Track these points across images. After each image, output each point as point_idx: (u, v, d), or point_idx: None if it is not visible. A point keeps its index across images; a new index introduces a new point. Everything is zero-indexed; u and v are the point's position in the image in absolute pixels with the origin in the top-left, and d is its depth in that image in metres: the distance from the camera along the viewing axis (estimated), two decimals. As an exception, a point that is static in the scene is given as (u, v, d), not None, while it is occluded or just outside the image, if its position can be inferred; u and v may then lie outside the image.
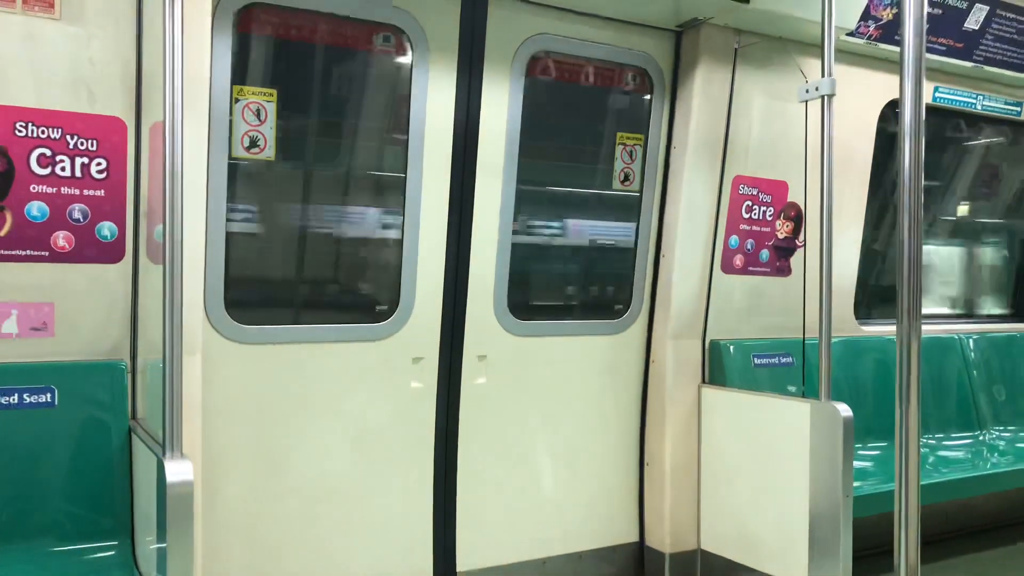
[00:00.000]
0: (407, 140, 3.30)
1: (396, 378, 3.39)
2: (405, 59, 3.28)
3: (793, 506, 3.38)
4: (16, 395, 2.50)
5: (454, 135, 3.39)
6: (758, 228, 4.03)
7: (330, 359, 3.25)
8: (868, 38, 4.04)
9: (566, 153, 3.98)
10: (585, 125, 3.93)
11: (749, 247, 4.01)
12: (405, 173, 3.31)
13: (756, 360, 4.04)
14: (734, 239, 3.95)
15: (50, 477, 2.53)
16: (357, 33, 3.20)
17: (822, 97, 3.22)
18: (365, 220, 3.46)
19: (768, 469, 3.53)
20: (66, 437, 2.57)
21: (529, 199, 3.70)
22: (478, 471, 3.59)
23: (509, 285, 3.59)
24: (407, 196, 3.33)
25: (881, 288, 4.91)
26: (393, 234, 3.37)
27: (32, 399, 2.52)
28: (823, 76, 3.21)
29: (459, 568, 3.57)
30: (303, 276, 3.34)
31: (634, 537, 4.02)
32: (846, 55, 4.04)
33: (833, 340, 3.29)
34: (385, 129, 3.40)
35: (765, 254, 4.07)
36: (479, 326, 3.54)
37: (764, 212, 4.02)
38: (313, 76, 3.23)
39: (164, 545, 2.11)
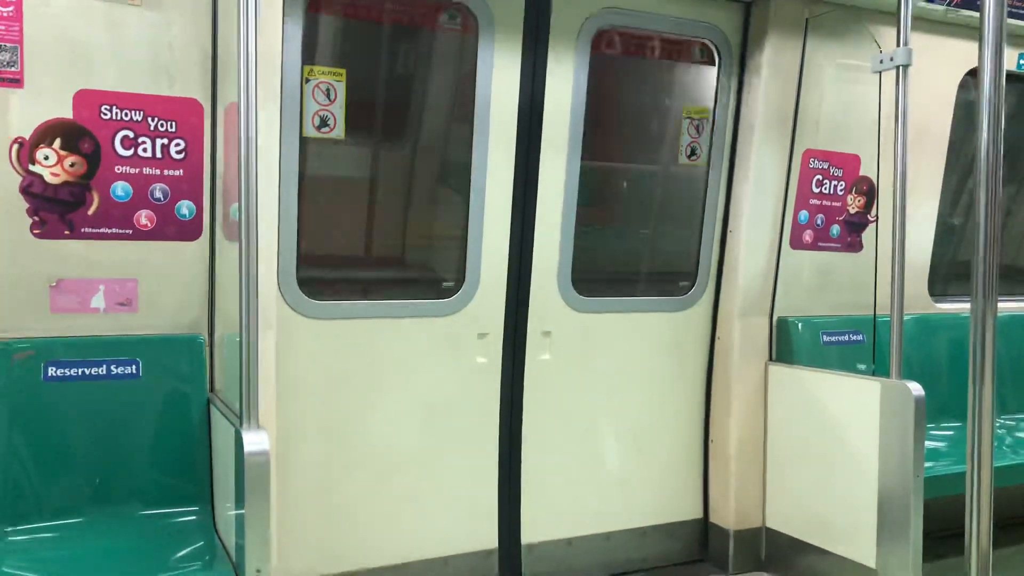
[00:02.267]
0: (472, 117, 3.32)
1: (462, 353, 3.44)
2: (471, 37, 3.29)
3: (862, 486, 3.34)
4: (104, 366, 2.63)
5: (519, 112, 3.40)
6: (828, 203, 3.94)
7: (398, 334, 3.31)
8: (947, 4, 3.88)
9: (632, 128, 3.95)
10: (652, 100, 3.89)
11: (819, 222, 3.93)
12: (471, 150, 3.34)
13: (825, 338, 3.97)
14: (803, 214, 3.88)
15: (136, 445, 2.66)
16: (424, 11, 3.23)
17: (897, 67, 3.12)
18: (432, 197, 3.51)
19: (836, 448, 3.48)
20: (149, 407, 2.70)
21: (594, 175, 3.68)
22: (543, 446, 3.63)
23: (573, 261, 3.60)
24: (473, 173, 3.35)
25: (958, 264, 4.76)
26: (459, 211, 3.41)
27: (118, 370, 2.65)
28: (898, 45, 3.11)
29: (524, 541, 3.63)
30: (372, 253, 3.41)
31: (698, 514, 4.01)
32: (923, 22, 3.89)
33: (906, 317, 3.21)
34: (451, 107, 3.43)
35: (836, 229, 3.98)
36: (543, 302, 3.56)
37: (835, 186, 3.93)
38: (381, 55, 3.27)
39: (242, 511, 2.21)
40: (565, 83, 3.46)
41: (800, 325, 3.91)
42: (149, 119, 2.66)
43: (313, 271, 3.16)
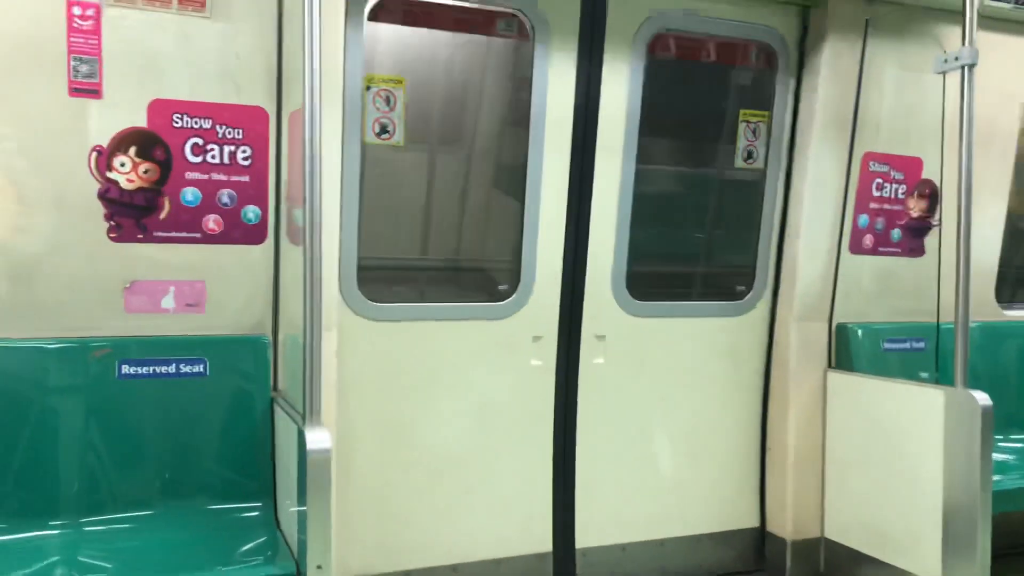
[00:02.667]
0: (528, 123, 3.35)
1: (517, 356, 3.47)
2: (527, 43, 3.33)
3: (926, 498, 3.26)
4: (173, 365, 2.73)
5: (574, 117, 3.42)
6: (889, 206, 3.87)
7: (454, 336, 3.36)
8: (1015, 2, 3.79)
9: (688, 132, 3.93)
10: (708, 103, 3.87)
11: (879, 226, 3.86)
12: (526, 155, 3.37)
13: (886, 345, 3.89)
14: (863, 218, 3.81)
15: (203, 441, 2.76)
16: (481, 19, 3.28)
17: (962, 67, 3.06)
18: (489, 202, 3.55)
19: (898, 458, 3.40)
20: (216, 405, 2.79)
21: (650, 179, 3.68)
22: (597, 450, 3.63)
23: (628, 265, 3.61)
24: (528, 178, 3.38)
25: (1028, 271, 4.62)
26: (515, 216, 3.44)
27: (187, 369, 2.74)
28: (963, 44, 3.05)
29: (578, 544, 3.63)
30: (430, 256, 3.46)
31: (755, 522, 3.97)
32: (988, 20, 3.80)
33: (972, 325, 3.13)
34: (508, 112, 3.47)
35: (897, 234, 3.90)
36: (598, 306, 3.57)
37: (896, 190, 3.86)
38: (439, 63, 3.33)
39: (304, 508, 2.27)
40: (620, 87, 3.47)
41: (860, 331, 3.84)
42: (218, 127, 2.76)
43: (373, 274, 3.22)
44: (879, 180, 3.81)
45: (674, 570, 3.82)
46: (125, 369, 2.67)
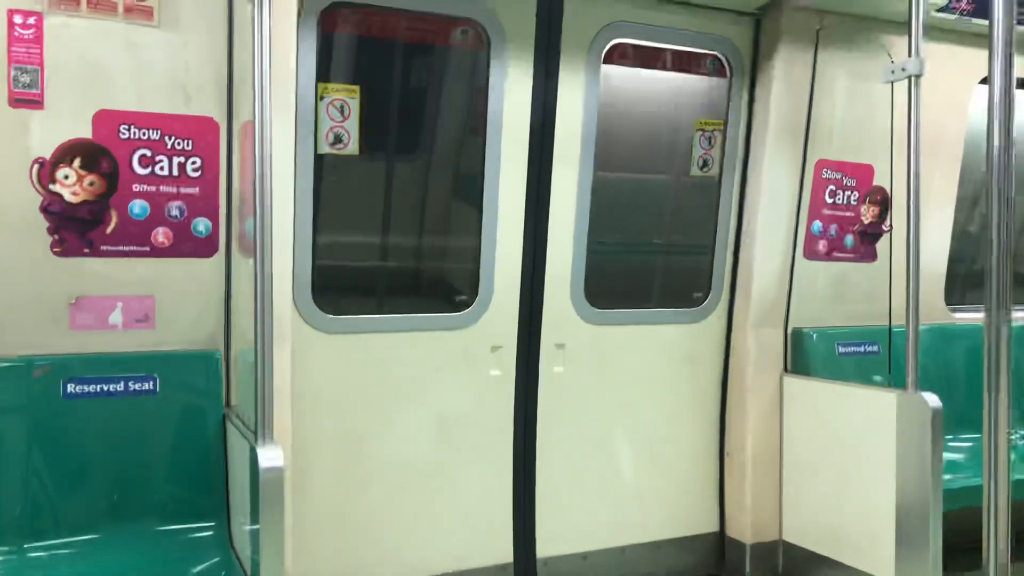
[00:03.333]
0: (485, 132, 3.34)
1: (476, 366, 3.45)
2: (482, 52, 3.32)
3: (880, 499, 3.31)
4: (122, 383, 2.66)
5: (531, 125, 3.42)
6: (842, 213, 3.93)
7: (412, 348, 3.33)
8: (960, 13, 3.88)
9: (643, 141, 3.96)
10: (662, 112, 3.90)
11: (833, 232, 3.92)
12: (483, 164, 3.36)
13: (840, 349, 3.95)
14: (817, 224, 3.87)
15: (153, 460, 2.68)
16: (436, 28, 3.26)
17: (909, 77, 3.12)
18: (445, 211, 3.53)
19: (853, 460, 3.46)
20: (166, 423, 2.72)
21: (606, 187, 3.69)
22: (557, 459, 3.63)
23: (586, 274, 3.61)
24: (485, 187, 3.37)
25: (975, 273, 4.72)
26: (472, 225, 3.43)
27: (136, 387, 2.67)
28: (910, 55, 3.11)
29: (539, 554, 3.62)
30: (386, 267, 3.43)
31: (714, 527, 3.99)
32: (935, 31, 3.88)
33: (922, 327, 3.19)
34: (464, 122, 3.46)
35: (850, 239, 3.96)
36: (557, 315, 3.57)
37: (848, 196, 3.92)
38: (394, 72, 3.30)
39: (257, 527, 2.22)
40: (577, 96, 3.48)
41: (815, 336, 3.90)
42: (166, 138, 2.70)
43: (328, 285, 3.18)
44: (832, 187, 3.87)
45: (636, 576, 3.84)
46: (71, 388, 2.59)
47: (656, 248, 4.00)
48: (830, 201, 3.88)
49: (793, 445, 3.79)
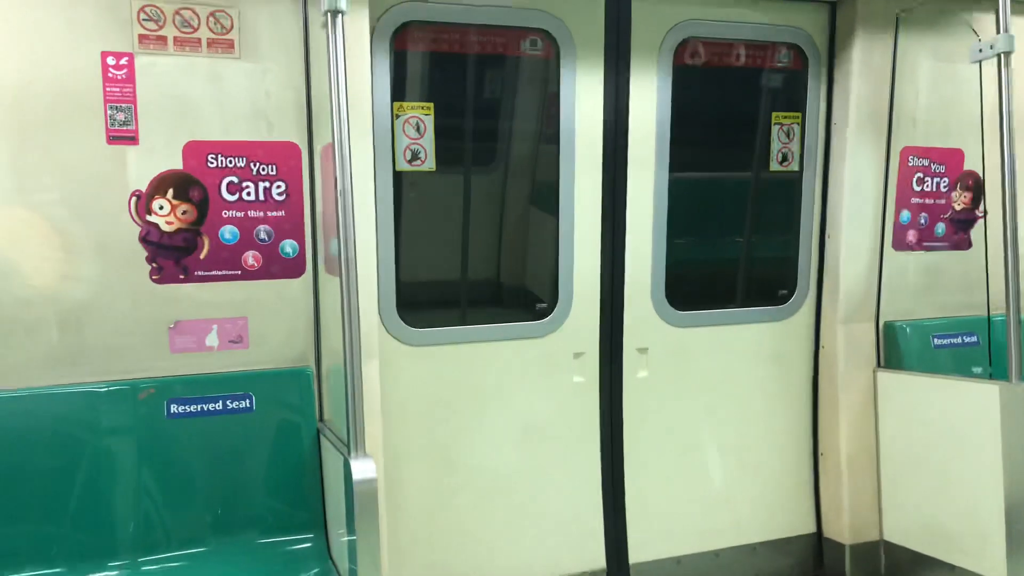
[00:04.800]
0: (558, 139, 3.36)
1: (559, 374, 3.46)
2: (553, 61, 3.34)
3: (987, 496, 3.17)
4: (220, 402, 2.77)
5: (604, 130, 3.42)
6: (932, 201, 3.79)
7: (495, 357, 3.36)
8: (1051, -16, 3.69)
9: (720, 138, 3.89)
10: (738, 108, 3.83)
11: (923, 221, 3.78)
12: (558, 172, 3.37)
13: (936, 341, 3.80)
14: (905, 214, 3.74)
15: (253, 476, 2.79)
16: (505, 40, 3.29)
17: (998, 55, 2.99)
18: (522, 221, 3.55)
19: (955, 456, 3.32)
20: (264, 439, 2.82)
21: (685, 188, 3.65)
22: (645, 463, 3.60)
23: (666, 275, 3.58)
24: (561, 194, 3.39)
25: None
26: (549, 233, 3.44)
27: (234, 405, 2.78)
28: (999, 32, 2.98)
29: (632, 560, 3.60)
30: (467, 279, 3.47)
31: (811, 528, 3.90)
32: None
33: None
34: (537, 131, 3.48)
35: (941, 228, 3.82)
36: (638, 319, 3.55)
37: (938, 183, 3.78)
38: (466, 86, 3.34)
39: (354, 538, 2.28)
40: (649, 98, 3.46)
41: (908, 329, 3.76)
42: (252, 164, 2.80)
43: (412, 300, 3.24)
44: (920, 174, 3.73)
45: (731, 581, 3.78)
46: (174, 408, 2.71)
47: (738, 247, 3.92)
48: (918, 189, 3.74)
49: (891, 442, 3.66)
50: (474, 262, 3.49)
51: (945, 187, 3.79)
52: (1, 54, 2.53)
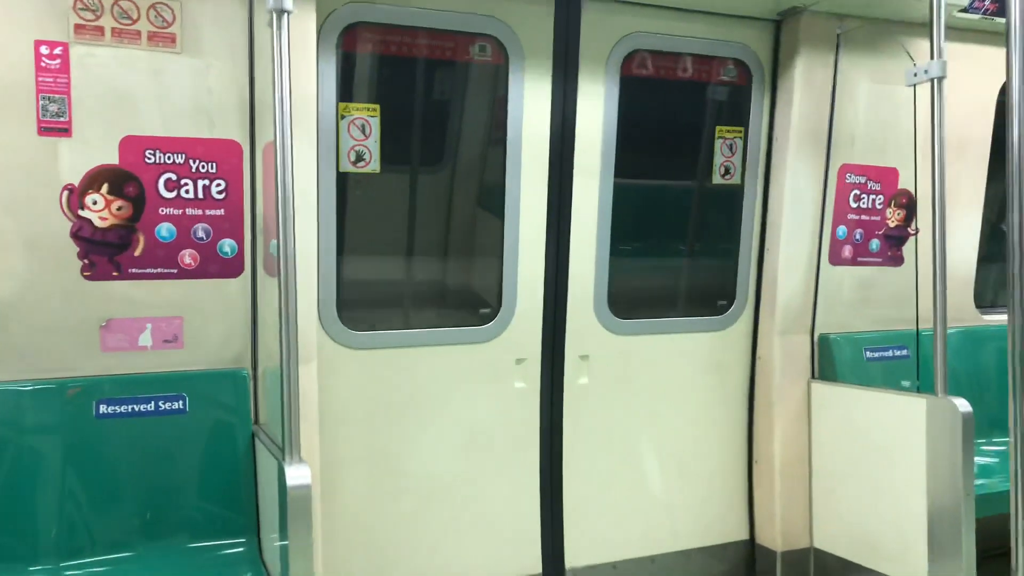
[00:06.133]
0: (505, 145, 3.36)
1: (501, 379, 3.46)
2: (502, 67, 3.34)
3: (911, 505, 3.27)
4: (152, 403, 2.70)
5: (551, 138, 3.43)
6: (867, 217, 3.89)
7: (437, 362, 3.35)
8: (984, 12, 3.83)
9: (665, 149, 3.95)
10: (683, 120, 3.89)
11: (858, 237, 3.88)
12: (504, 178, 3.38)
13: (868, 354, 3.91)
14: (842, 229, 3.84)
15: (184, 478, 2.73)
16: (454, 45, 3.28)
17: (932, 80, 3.09)
18: (467, 225, 3.55)
19: (883, 466, 3.42)
20: (197, 441, 2.76)
21: (629, 197, 3.69)
22: (584, 470, 3.63)
23: (609, 283, 3.61)
24: (507, 200, 3.39)
25: (1005, 275, 4.64)
26: (494, 238, 3.44)
27: (166, 406, 2.72)
28: (932, 58, 3.08)
29: (568, 564, 3.62)
30: (410, 282, 3.46)
31: (744, 535, 3.97)
32: (958, 32, 3.84)
33: (951, 330, 3.16)
34: (484, 136, 3.48)
35: (875, 243, 3.93)
36: (580, 326, 3.58)
37: (873, 200, 3.89)
38: (414, 89, 3.33)
39: (286, 543, 2.25)
40: (596, 107, 3.49)
41: (842, 341, 3.86)
42: (191, 161, 2.75)
43: (353, 302, 3.21)
44: (856, 191, 3.84)
45: (667, 585, 3.83)
46: (103, 409, 2.64)
47: (680, 257, 3.98)
48: (855, 205, 3.85)
49: (822, 452, 3.75)
50: (418, 265, 3.48)
51: (880, 204, 3.90)
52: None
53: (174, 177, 2.73)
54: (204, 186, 2.77)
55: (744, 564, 3.97)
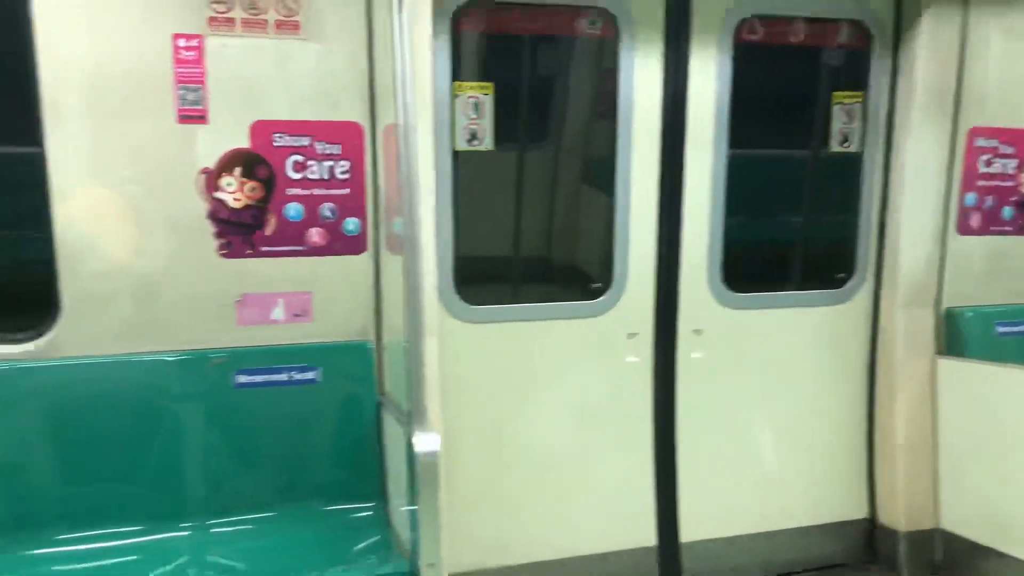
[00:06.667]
0: (616, 118, 3.35)
1: (613, 353, 3.48)
2: (612, 39, 3.33)
3: (1049, 486, 3.12)
4: (285, 373, 2.86)
5: (663, 109, 3.37)
6: (999, 183, 3.69)
7: (550, 335, 3.40)
8: None
9: (780, 117, 3.84)
10: (799, 87, 3.77)
11: (989, 204, 3.69)
12: (615, 151, 3.37)
13: (999, 328, 3.72)
14: (971, 196, 3.65)
15: (316, 445, 2.88)
16: (565, 19, 3.29)
17: (1075, 32, 2.90)
18: (579, 200, 3.57)
19: (1018, 446, 3.26)
20: (327, 410, 2.90)
21: (743, 168, 3.62)
22: (698, 445, 3.60)
23: (723, 256, 3.56)
24: (617, 174, 3.39)
25: None
26: (605, 213, 3.45)
27: (299, 376, 2.87)
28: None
29: (683, 538, 3.61)
30: (524, 257, 3.50)
31: (864, 514, 3.87)
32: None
33: (1095, 303, 2.98)
34: (595, 110, 3.48)
35: (1008, 211, 3.72)
36: (693, 300, 3.54)
37: (1006, 165, 3.68)
38: (525, 66, 3.36)
39: (415, 508, 2.34)
40: (708, 76, 3.43)
41: (971, 316, 3.69)
42: (316, 143, 2.87)
43: (469, 277, 3.29)
44: (987, 156, 3.64)
45: (782, 562, 3.77)
46: (240, 379, 2.81)
47: (796, 228, 3.88)
48: (985, 171, 3.65)
49: (950, 430, 3.61)
50: (530, 240, 3.52)
51: (1013, 168, 3.69)
52: (79, 39, 2.62)
53: (301, 159, 2.86)
54: (329, 167, 2.89)
55: (864, 543, 3.87)
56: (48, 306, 2.72)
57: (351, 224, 2.94)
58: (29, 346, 2.71)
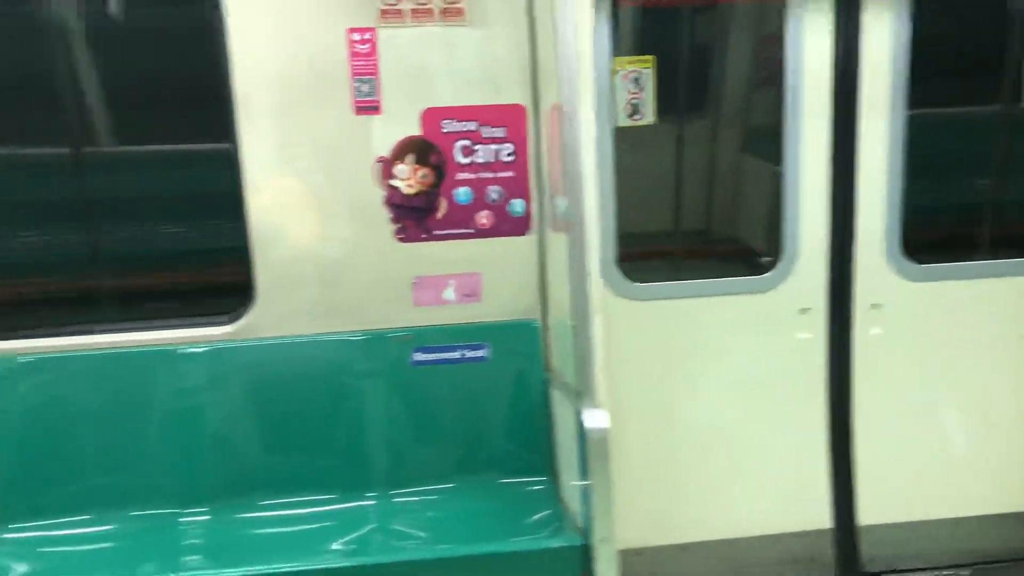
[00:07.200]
0: (782, 86, 3.22)
1: (783, 329, 3.36)
2: (776, 5, 3.19)
3: None
4: (459, 351, 2.98)
5: (833, 73, 3.23)
6: None
7: (716, 312, 3.33)
8: None
9: (965, 72, 3.56)
10: (986, 36, 3.47)
11: None
12: (782, 120, 3.25)
13: None
14: None
15: (489, 420, 3.00)
16: (727, -14, 3.20)
17: None
18: (745, 172, 3.47)
19: None
20: (497, 386, 3.01)
21: (924, 128, 3.38)
22: (878, 424, 3.44)
23: (902, 225, 3.35)
24: (786, 143, 3.25)
25: None
26: (772, 184, 3.33)
27: (471, 355, 2.98)
28: None
29: (861, 521, 3.48)
30: (687, 232, 3.46)
31: (1071, 502, 3.56)
32: None
33: None
34: (759, 78, 3.36)
35: None
36: (870, 273, 3.36)
37: None
38: (686, 37, 3.29)
39: (588, 483, 2.39)
40: (883, 33, 3.22)
41: None
42: (482, 128, 2.94)
43: (632, 255, 3.28)
44: None
45: (972, 552, 3.54)
46: (417, 356, 2.95)
47: (986, 193, 3.59)
48: None
49: None
50: (693, 215, 3.46)
51: None
52: (266, 40, 2.82)
53: (468, 143, 2.95)
54: (495, 150, 2.96)
55: (1069, 535, 3.57)
56: (244, 291, 2.97)
57: (517, 205, 3.01)
58: (228, 328, 2.97)
